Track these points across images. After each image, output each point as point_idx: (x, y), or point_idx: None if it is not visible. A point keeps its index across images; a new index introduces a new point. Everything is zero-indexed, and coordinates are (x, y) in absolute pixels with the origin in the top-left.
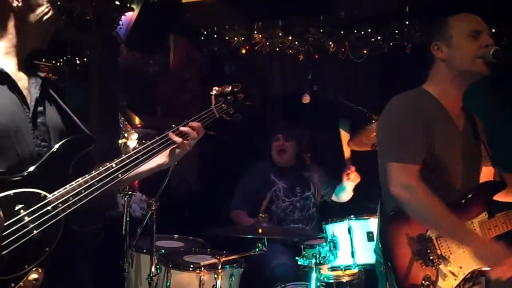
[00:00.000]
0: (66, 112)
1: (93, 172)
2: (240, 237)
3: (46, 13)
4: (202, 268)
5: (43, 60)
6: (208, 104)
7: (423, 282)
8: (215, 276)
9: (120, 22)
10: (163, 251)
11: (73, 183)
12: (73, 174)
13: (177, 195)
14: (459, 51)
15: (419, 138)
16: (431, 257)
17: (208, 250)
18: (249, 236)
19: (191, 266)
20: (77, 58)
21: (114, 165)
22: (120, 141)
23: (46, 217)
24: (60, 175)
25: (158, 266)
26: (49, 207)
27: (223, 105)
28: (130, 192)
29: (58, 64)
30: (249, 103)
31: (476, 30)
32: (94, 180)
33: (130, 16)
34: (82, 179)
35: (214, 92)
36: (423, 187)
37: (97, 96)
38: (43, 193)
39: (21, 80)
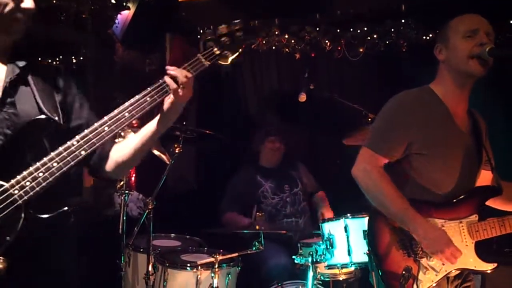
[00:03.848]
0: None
1: (52, 153)
2: (237, 236)
3: (4, 6)
4: (199, 267)
5: (39, 59)
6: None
7: (404, 273)
8: (212, 275)
9: (116, 21)
10: (158, 249)
11: (31, 167)
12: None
13: (174, 194)
14: (455, 52)
15: (400, 137)
16: (414, 249)
17: (205, 249)
18: (245, 232)
19: (188, 265)
20: (73, 57)
21: (75, 142)
22: (116, 140)
23: (2, 205)
24: (17, 162)
25: (155, 265)
26: (4, 195)
27: (215, 50)
28: (127, 191)
29: (53, 63)
30: (251, 40)
31: (472, 30)
32: (52, 162)
33: (126, 14)
34: (40, 162)
35: (204, 37)
36: (380, 172)
37: (93, 95)
38: (0, 182)
39: None
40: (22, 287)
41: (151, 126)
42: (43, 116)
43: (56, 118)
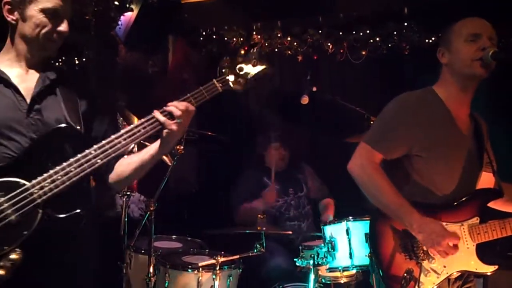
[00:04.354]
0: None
1: (71, 159)
2: (239, 237)
3: (43, 27)
4: (200, 269)
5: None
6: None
7: (405, 275)
8: (213, 276)
9: (119, 22)
10: (160, 251)
11: (51, 170)
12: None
13: (176, 196)
14: (458, 55)
15: (401, 137)
16: (416, 252)
17: (207, 250)
18: (247, 232)
19: (190, 266)
20: (75, 58)
21: (92, 151)
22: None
23: (23, 202)
24: (41, 164)
25: (156, 267)
26: (25, 194)
27: (228, 78)
28: (128, 193)
29: (56, 64)
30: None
31: (474, 34)
32: (70, 167)
33: (129, 16)
34: (60, 166)
35: (221, 64)
36: (376, 168)
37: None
38: (22, 181)
39: (28, 81)
40: (36, 280)
41: (152, 149)
42: (66, 125)
43: (78, 128)
